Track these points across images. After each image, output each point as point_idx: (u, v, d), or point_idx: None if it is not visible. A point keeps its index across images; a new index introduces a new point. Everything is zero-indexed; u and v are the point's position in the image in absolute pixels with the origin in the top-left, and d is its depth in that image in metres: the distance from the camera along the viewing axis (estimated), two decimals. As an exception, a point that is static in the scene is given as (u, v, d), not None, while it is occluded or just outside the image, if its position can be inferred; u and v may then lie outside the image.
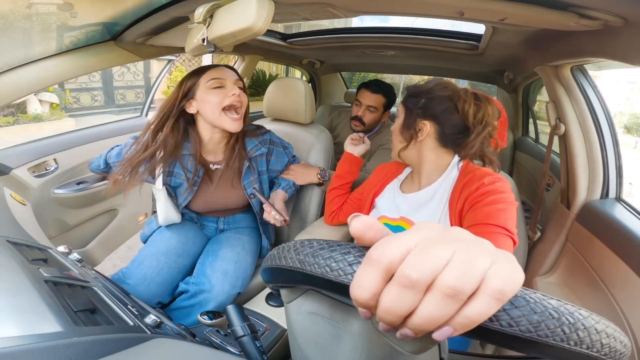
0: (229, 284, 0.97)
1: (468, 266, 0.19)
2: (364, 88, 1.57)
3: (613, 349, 0.22)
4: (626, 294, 0.78)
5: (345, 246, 0.26)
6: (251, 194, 1.08)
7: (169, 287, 0.99)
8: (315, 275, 0.27)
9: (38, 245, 0.57)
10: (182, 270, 1.04)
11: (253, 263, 1.11)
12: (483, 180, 0.69)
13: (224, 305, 0.95)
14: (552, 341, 0.20)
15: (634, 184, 1.63)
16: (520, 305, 0.21)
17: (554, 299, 0.22)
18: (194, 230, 1.13)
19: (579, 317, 0.21)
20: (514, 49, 1.12)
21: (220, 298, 0.94)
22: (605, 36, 0.67)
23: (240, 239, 1.13)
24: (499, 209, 0.64)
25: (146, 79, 7.42)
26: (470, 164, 0.77)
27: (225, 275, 0.98)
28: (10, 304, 0.35)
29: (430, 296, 0.19)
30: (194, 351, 0.40)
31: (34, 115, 5.48)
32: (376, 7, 0.81)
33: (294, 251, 0.30)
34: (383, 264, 0.20)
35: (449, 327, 0.20)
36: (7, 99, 0.91)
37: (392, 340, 0.29)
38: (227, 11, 0.65)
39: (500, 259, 0.20)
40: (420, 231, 0.22)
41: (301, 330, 0.39)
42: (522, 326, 0.20)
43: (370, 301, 0.21)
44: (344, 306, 0.34)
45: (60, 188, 1.33)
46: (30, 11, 0.75)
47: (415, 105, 0.76)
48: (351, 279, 0.24)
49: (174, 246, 1.04)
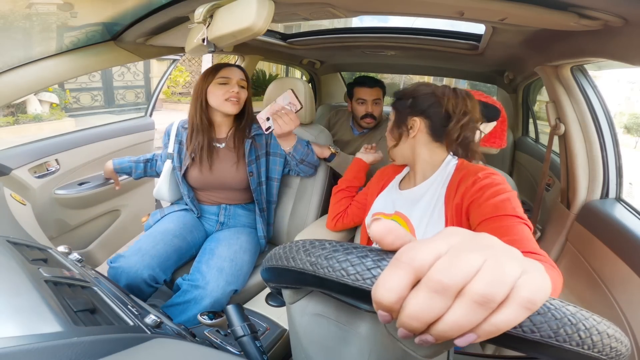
0: (224, 281, 0.98)
1: (499, 274, 0.19)
2: (360, 86, 1.58)
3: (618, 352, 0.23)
4: (626, 294, 0.78)
5: (362, 249, 0.26)
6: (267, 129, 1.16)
7: (163, 262, 1.03)
8: (329, 279, 0.26)
9: (38, 245, 0.57)
10: (177, 250, 1.09)
11: (250, 262, 1.12)
12: (478, 174, 0.70)
13: (219, 302, 0.96)
14: (568, 346, 0.21)
15: (634, 184, 1.63)
16: (542, 312, 0.21)
17: (571, 305, 0.22)
18: (193, 221, 1.20)
19: (594, 322, 0.22)
20: (514, 49, 1.12)
21: (215, 294, 0.95)
22: (605, 36, 0.67)
23: (239, 238, 1.14)
24: (503, 199, 0.65)
25: (146, 79, 7.42)
26: (464, 162, 0.79)
27: (220, 272, 1.00)
28: (10, 304, 0.35)
29: (460, 303, 0.19)
30: (194, 351, 0.40)
31: (34, 115, 5.48)
32: (376, 7, 0.81)
33: (304, 252, 0.29)
34: (413, 267, 0.20)
35: (473, 333, 0.19)
36: (7, 99, 0.91)
37: (406, 345, 0.29)
38: (227, 11, 0.65)
39: (530, 268, 0.20)
40: (450, 237, 0.22)
41: (305, 331, 0.38)
42: (544, 332, 0.21)
43: (395, 305, 0.20)
44: (349, 308, 0.34)
45: (62, 189, 1.32)
46: (30, 11, 0.75)
47: (404, 105, 0.82)
48: (370, 284, 0.23)
49: (172, 228, 1.13)
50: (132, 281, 0.96)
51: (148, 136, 1.74)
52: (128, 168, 1.31)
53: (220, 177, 1.16)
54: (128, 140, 1.60)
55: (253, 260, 1.14)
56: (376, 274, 0.24)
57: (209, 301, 0.95)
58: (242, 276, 1.05)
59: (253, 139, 1.17)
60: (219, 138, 1.19)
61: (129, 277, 0.96)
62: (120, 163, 1.30)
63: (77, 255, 0.61)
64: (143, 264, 0.98)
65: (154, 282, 1.00)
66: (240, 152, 1.16)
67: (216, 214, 1.23)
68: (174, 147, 1.20)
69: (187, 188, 1.20)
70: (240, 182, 1.17)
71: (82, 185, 1.39)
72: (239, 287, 1.03)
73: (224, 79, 1.10)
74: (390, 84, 10.11)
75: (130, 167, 1.31)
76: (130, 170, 1.31)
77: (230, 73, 1.11)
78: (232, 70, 1.12)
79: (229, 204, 1.23)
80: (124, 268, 0.97)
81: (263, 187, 1.20)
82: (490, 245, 0.21)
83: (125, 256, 1.00)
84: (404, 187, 0.87)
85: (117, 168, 1.30)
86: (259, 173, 1.18)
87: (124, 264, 0.98)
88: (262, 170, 1.19)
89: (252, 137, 1.17)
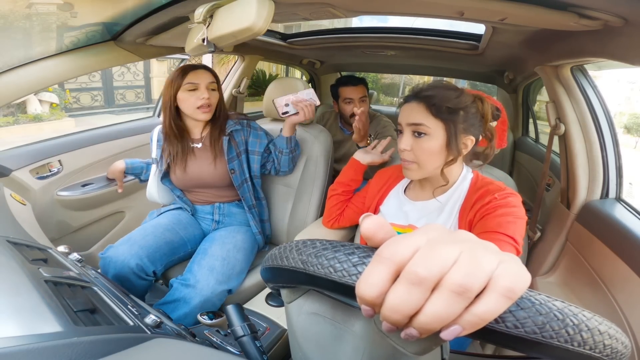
0: (215, 279, 0.98)
1: (476, 264, 0.19)
2: (345, 86, 1.59)
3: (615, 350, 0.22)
4: (626, 294, 0.78)
5: (349, 247, 0.26)
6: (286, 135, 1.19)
7: (152, 252, 1.03)
8: (318, 276, 0.27)
9: (38, 245, 0.57)
10: (168, 243, 1.10)
11: (245, 261, 1.12)
12: (495, 195, 0.70)
13: (210, 301, 0.96)
14: (556, 342, 0.21)
15: (634, 184, 1.63)
16: (526, 307, 0.21)
17: (559, 300, 0.22)
18: (188, 218, 1.22)
19: (583, 318, 0.21)
20: (514, 49, 1.12)
21: (205, 293, 0.95)
22: (605, 36, 0.67)
23: (234, 237, 1.15)
24: (508, 221, 0.66)
25: (146, 79, 7.41)
26: (479, 176, 0.78)
27: (211, 271, 1.00)
28: (10, 304, 0.35)
29: (438, 294, 0.19)
30: (194, 351, 0.40)
31: (34, 115, 5.48)
32: (376, 7, 0.81)
33: (297, 251, 0.30)
34: (394, 262, 0.20)
35: (458, 325, 0.20)
36: (7, 99, 0.91)
37: (395, 342, 0.29)
38: (227, 11, 0.65)
39: (507, 259, 0.20)
40: (429, 232, 0.22)
41: (302, 330, 0.38)
42: (528, 327, 0.20)
43: (376, 299, 0.21)
44: (345, 307, 0.34)
45: (64, 190, 1.31)
46: (30, 11, 0.75)
47: (455, 120, 0.71)
48: (355, 280, 0.24)
49: (165, 223, 1.15)
50: (119, 271, 0.98)
51: None
52: (139, 168, 1.31)
53: (197, 176, 1.16)
54: (135, 141, 1.56)
55: (248, 259, 1.14)
56: (361, 270, 0.24)
57: (199, 300, 0.95)
58: (234, 275, 1.05)
59: (231, 136, 1.16)
60: (194, 139, 1.18)
61: (116, 266, 0.97)
62: (132, 163, 1.30)
63: (77, 256, 0.61)
64: (131, 253, 0.99)
65: (143, 274, 1.01)
66: (217, 150, 1.15)
67: (211, 212, 1.23)
68: (156, 152, 1.20)
69: (173, 189, 1.22)
70: (221, 179, 1.16)
71: (86, 186, 1.37)
72: (232, 286, 1.03)
73: (192, 84, 1.06)
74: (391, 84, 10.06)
75: (141, 167, 1.31)
76: (141, 171, 1.32)
77: (198, 78, 1.07)
78: (199, 74, 1.08)
79: (222, 202, 1.23)
80: (111, 258, 0.98)
81: (249, 183, 1.20)
82: (467, 239, 0.22)
83: (114, 246, 1.02)
84: (414, 197, 0.84)
85: (128, 168, 1.29)
86: (242, 170, 1.18)
87: (112, 254, 0.99)
88: (244, 167, 1.19)
89: (230, 134, 1.15)
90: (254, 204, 1.23)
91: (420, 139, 0.71)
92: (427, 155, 0.72)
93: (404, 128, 0.73)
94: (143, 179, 1.34)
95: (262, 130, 1.23)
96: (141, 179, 1.35)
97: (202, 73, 1.08)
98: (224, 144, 1.13)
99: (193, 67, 1.09)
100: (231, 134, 1.16)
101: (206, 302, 0.95)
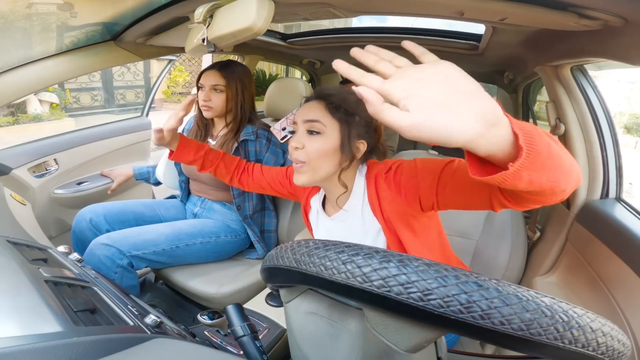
0: (131, 244, 1.00)
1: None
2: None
3: (610, 348, 0.22)
4: (626, 294, 0.78)
5: (339, 245, 0.27)
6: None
7: (113, 214, 1.14)
8: (310, 274, 0.27)
9: (38, 245, 0.57)
10: (138, 216, 1.19)
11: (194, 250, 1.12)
12: (389, 165, 0.69)
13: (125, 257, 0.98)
14: (545, 340, 0.20)
15: (634, 184, 1.63)
16: (512, 303, 0.20)
17: (548, 296, 0.21)
18: (176, 204, 1.32)
19: (574, 315, 0.21)
20: (514, 49, 1.12)
21: (122, 247, 0.99)
22: (605, 36, 0.67)
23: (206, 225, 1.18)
24: (424, 161, 0.64)
25: (146, 79, 7.42)
26: (370, 164, 0.75)
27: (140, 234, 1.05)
28: (10, 304, 0.35)
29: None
30: (194, 351, 0.40)
31: (34, 115, 5.48)
32: (376, 7, 0.81)
33: (291, 251, 0.30)
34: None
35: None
36: (7, 99, 0.91)
37: (388, 339, 0.30)
38: (227, 11, 0.65)
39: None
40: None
41: (300, 329, 0.39)
42: (514, 324, 0.20)
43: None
44: (341, 306, 0.35)
45: (61, 188, 1.33)
46: (30, 11, 0.75)
47: (351, 122, 0.69)
48: (345, 278, 0.24)
49: (146, 202, 1.26)
50: (76, 225, 1.08)
51: (145, 136, 1.74)
52: (146, 174, 1.38)
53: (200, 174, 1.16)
54: (125, 140, 1.62)
55: (200, 250, 1.13)
56: (350, 268, 0.24)
57: (114, 250, 0.97)
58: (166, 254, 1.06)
59: (240, 145, 1.14)
60: (213, 134, 1.24)
61: (76, 221, 1.08)
62: (139, 169, 1.39)
63: (77, 255, 0.61)
64: (90, 209, 1.11)
65: (95, 229, 1.08)
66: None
67: (195, 204, 1.28)
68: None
69: (180, 173, 1.28)
70: (218, 181, 1.13)
71: (81, 184, 1.39)
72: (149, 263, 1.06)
73: (201, 85, 1.15)
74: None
75: (148, 172, 1.37)
76: (148, 176, 1.38)
77: (204, 79, 1.14)
78: (206, 75, 1.14)
79: (207, 199, 1.26)
80: (77, 216, 1.09)
81: (251, 194, 1.18)
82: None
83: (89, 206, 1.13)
84: (330, 212, 0.79)
85: (136, 174, 1.37)
86: None
87: (82, 210, 1.12)
88: None
89: (241, 142, 1.14)
90: (251, 215, 1.19)
91: (313, 137, 0.68)
92: (319, 155, 0.67)
93: (299, 126, 0.70)
94: (152, 182, 1.38)
95: (282, 148, 1.20)
96: (151, 183, 1.39)
97: (208, 75, 1.14)
98: (232, 150, 1.13)
99: (209, 67, 1.16)
100: (243, 142, 1.14)
101: (117, 254, 0.97)
